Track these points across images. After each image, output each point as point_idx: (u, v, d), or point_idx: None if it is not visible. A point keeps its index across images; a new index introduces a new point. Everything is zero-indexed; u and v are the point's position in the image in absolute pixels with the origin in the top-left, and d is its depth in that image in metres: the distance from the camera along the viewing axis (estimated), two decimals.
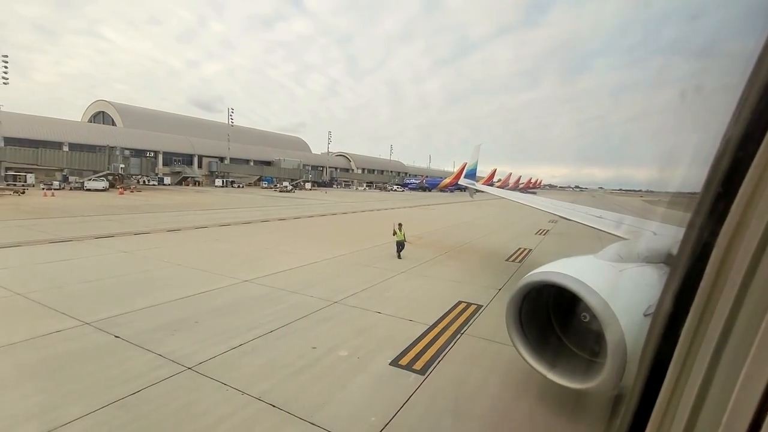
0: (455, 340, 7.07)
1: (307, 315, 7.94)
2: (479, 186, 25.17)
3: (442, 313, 8.37)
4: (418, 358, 6.25)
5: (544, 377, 4.56)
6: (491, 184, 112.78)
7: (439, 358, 6.29)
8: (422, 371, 5.83)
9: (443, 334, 7.29)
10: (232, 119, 79.91)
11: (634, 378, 1.11)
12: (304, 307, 8.40)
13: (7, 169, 50.85)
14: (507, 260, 14.80)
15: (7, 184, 46.58)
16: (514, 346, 4.85)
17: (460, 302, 9.21)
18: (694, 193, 1.01)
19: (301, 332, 7.09)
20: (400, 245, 14.06)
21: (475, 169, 24.19)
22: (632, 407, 1.09)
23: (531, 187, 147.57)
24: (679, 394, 0.98)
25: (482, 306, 9.04)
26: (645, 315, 3.90)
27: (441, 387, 5.42)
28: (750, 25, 0.91)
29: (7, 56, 51.60)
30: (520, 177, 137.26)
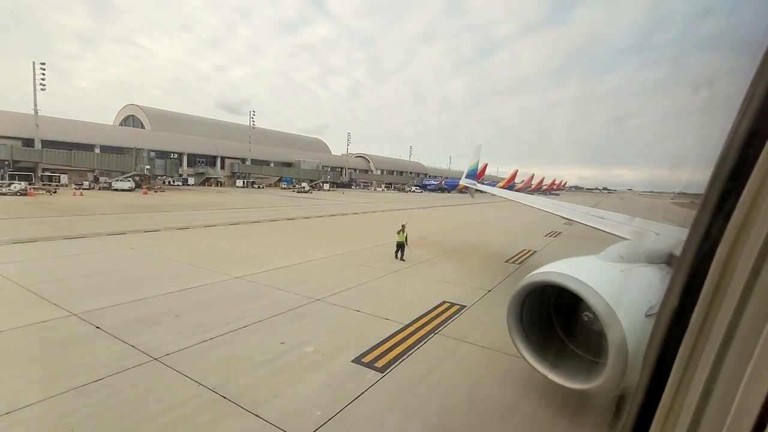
0: (426, 339, 7.01)
1: (286, 311, 8.05)
2: (480, 186, 24.80)
3: (422, 313, 8.30)
4: (382, 357, 6.23)
5: (545, 377, 4.54)
6: (512, 186, 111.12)
7: (404, 357, 6.25)
8: (382, 369, 5.81)
9: (416, 333, 7.24)
10: (253, 122, 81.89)
11: (637, 378, 1.12)
12: (285, 303, 8.52)
13: (43, 170, 53.96)
14: (507, 261, 14.50)
15: (43, 184, 49.44)
16: (515, 346, 4.81)
17: (443, 302, 9.11)
18: (698, 194, 1.01)
19: (275, 328, 7.19)
20: (400, 246, 13.96)
21: (476, 169, 23.85)
22: (636, 407, 1.09)
23: (555, 189, 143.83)
24: (683, 395, 0.98)
25: (465, 306, 8.91)
26: (647, 315, 3.87)
27: (396, 385, 5.39)
28: None
29: (44, 63, 54.59)
30: (543, 178, 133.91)
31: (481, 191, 25.21)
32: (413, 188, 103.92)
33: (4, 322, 6.83)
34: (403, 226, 14.02)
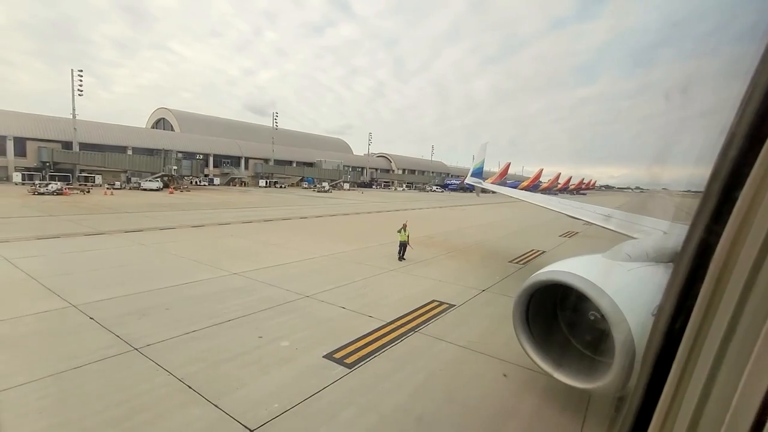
0: (405, 337, 6.98)
1: (273, 307, 8.22)
2: (486, 185, 24.37)
3: (407, 311, 8.27)
4: (354, 353, 6.26)
5: (551, 376, 4.53)
6: (537, 185, 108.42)
7: (377, 354, 6.26)
8: (350, 365, 5.84)
9: (395, 331, 7.22)
10: (276, 123, 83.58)
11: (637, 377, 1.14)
12: (274, 299, 8.69)
13: (80, 171, 57.21)
14: (511, 262, 14.21)
15: (79, 184, 52.36)
16: (521, 344, 4.82)
17: (432, 301, 9.04)
18: (698, 192, 1.01)
19: (257, 322, 7.36)
20: (403, 246, 13.88)
21: (482, 168, 23.40)
22: (635, 406, 1.11)
23: (583, 189, 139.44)
24: (681, 394, 0.99)
25: (454, 306, 8.81)
26: (653, 314, 3.77)
27: (360, 381, 5.41)
28: None
29: (81, 71, 57.83)
30: (571, 178, 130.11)
31: (488, 191, 24.80)
32: (434, 188, 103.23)
33: (7, 311, 7.31)
34: (404, 225, 13.96)
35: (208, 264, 11.66)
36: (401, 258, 13.56)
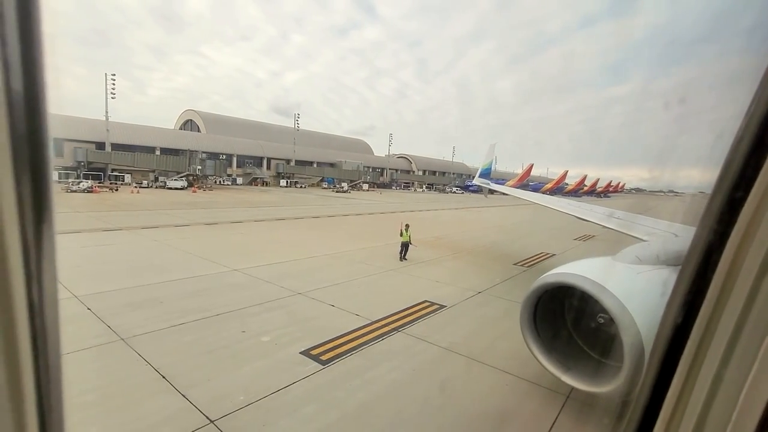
0: (387, 336, 6.95)
1: (264, 302, 8.35)
2: (494, 186, 23.92)
3: (395, 311, 8.23)
4: (332, 350, 6.29)
5: (558, 379, 4.50)
6: (562, 188, 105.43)
7: (354, 352, 6.26)
8: (325, 362, 5.87)
9: (379, 330, 7.20)
10: (298, 124, 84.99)
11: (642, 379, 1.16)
12: (266, 295, 8.83)
13: (112, 170, 60.02)
14: (516, 264, 13.90)
15: (111, 183, 54.92)
16: (528, 347, 4.79)
17: (424, 301, 8.96)
18: (705, 194, 1.03)
19: (244, 317, 7.50)
20: (405, 246, 13.85)
21: (490, 168, 23.03)
22: (640, 409, 1.12)
23: (610, 191, 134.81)
24: (686, 397, 0.99)
25: (445, 306, 8.70)
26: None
27: (330, 378, 5.43)
28: None
29: (114, 75, 60.73)
30: (598, 180, 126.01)
31: (495, 191, 24.41)
32: (454, 189, 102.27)
33: None
34: (406, 225, 13.92)
35: (212, 260, 11.97)
36: (403, 258, 13.51)
